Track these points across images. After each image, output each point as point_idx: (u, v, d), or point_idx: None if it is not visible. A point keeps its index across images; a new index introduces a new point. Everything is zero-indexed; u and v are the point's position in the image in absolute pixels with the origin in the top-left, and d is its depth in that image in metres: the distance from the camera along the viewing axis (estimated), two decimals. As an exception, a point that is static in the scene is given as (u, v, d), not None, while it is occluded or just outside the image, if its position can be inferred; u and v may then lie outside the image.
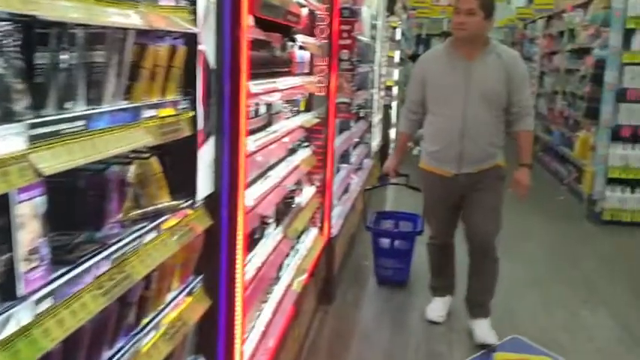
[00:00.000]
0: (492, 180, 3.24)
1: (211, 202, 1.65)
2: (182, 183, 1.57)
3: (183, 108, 1.48)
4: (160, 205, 1.45)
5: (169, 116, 1.40)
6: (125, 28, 1.19)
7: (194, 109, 1.52)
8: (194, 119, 1.51)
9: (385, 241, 4.19)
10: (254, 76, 2.32)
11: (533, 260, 4.89)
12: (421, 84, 3.25)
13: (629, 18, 5.67)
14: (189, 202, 1.57)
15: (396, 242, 4.16)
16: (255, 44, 2.34)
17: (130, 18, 1.13)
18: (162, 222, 1.43)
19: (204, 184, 1.60)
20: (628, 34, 5.73)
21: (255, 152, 2.27)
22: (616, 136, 5.91)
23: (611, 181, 5.97)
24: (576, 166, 7.11)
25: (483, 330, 3.31)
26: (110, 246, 1.21)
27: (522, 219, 5.75)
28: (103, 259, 1.15)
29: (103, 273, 1.13)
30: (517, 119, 3.19)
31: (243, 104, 1.67)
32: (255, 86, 2.24)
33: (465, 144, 3.14)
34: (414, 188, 3.80)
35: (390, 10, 7.05)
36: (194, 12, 1.47)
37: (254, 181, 2.46)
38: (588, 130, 6.52)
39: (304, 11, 3.30)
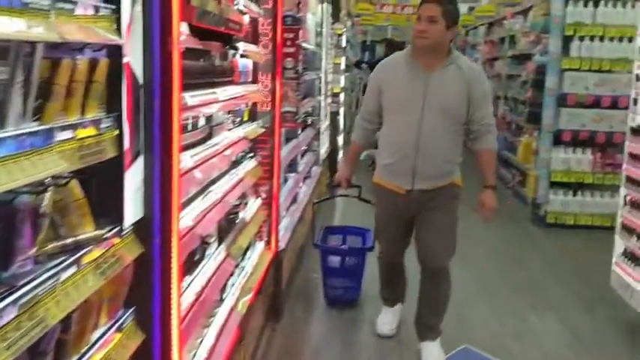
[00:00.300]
0: (447, 198, 3.07)
1: (142, 227, 1.52)
2: (108, 208, 1.43)
3: (107, 127, 1.34)
4: (81, 236, 1.31)
5: (90, 137, 1.26)
6: (32, 42, 1.05)
7: (119, 127, 1.38)
8: (119, 138, 1.38)
9: (335, 260, 3.97)
10: (191, 87, 2.20)
11: (481, 266, 4.91)
12: (377, 93, 3.08)
13: (568, 25, 5.79)
14: (116, 229, 1.43)
15: (347, 259, 3.95)
16: (192, 53, 2.21)
17: (35, 30, 0.99)
18: (83, 254, 1.28)
19: (132, 209, 1.46)
20: (567, 41, 5.85)
21: (193, 168, 2.13)
22: (558, 140, 6.02)
23: (554, 185, 6.08)
24: (520, 170, 7.23)
25: (433, 353, 3.21)
26: (19, 288, 1.06)
27: (469, 223, 5.75)
28: (8, 304, 1.01)
29: (9, 322, 0.99)
30: (478, 137, 3.01)
31: (175, 119, 1.54)
32: (192, 98, 2.11)
33: (420, 158, 2.96)
34: (365, 201, 3.56)
35: (335, 17, 7.00)
36: (117, 21, 1.33)
37: (193, 198, 2.32)
38: (531, 134, 6.64)
39: (246, 19, 3.19)
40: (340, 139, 7.93)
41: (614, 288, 3.91)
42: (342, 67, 7.62)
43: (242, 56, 3.05)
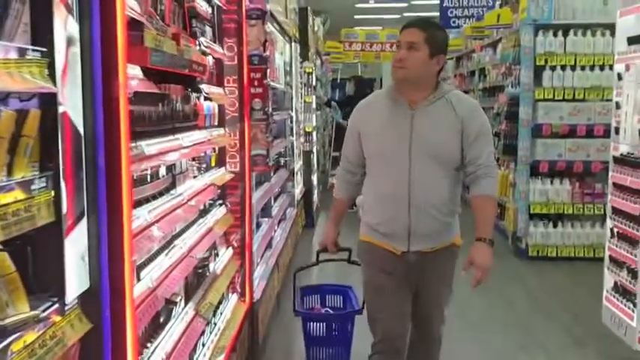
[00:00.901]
0: (447, 264, 2.58)
1: (89, 300, 1.31)
2: (46, 281, 1.22)
3: (40, 188, 1.15)
4: (10, 319, 1.10)
5: (16, 202, 1.07)
6: None
7: (56, 187, 1.18)
8: (56, 201, 1.18)
9: (319, 327, 3.37)
10: (149, 134, 2.02)
11: (466, 302, 4.72)
12: (357, 138, 2.54)
13: (539, 55, 5.78)
14: (57, 305, 1.22)
15: (333, 326, 3.38)
16: (149, 98, 2.03)
17: None
18: (12, 342, 1.07)
19: (76, 280, 1.25)
20: (538, 71, 5.84)
21: (152, 224, 1.94)
22: (535, 171, 5.95)
23: (534, 217, 5.98)
24: (498, 203, 7.13)
25: None
26: None
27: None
28: None
29: None
30: (474, 182, 2.48)
31: (125, 174, 1.35)
32: (150, 147, 1.93)
33: (413, 214, 2.43)
34: (358, 264, 2.79)
35: (304, 56, 6.93)
36: (51, 66, 1.15)
37: (154, 256, 2.11)
38: (507, 166, 6.56)
39: (210, 60, 3.04)
40: (315, 179, 7.77)
41: (605, 325, 3.76)
42: (314, 105, 7.52)
43: (206, 99, 2.90)
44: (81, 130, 1.25)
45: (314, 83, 7.50)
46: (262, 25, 3.21)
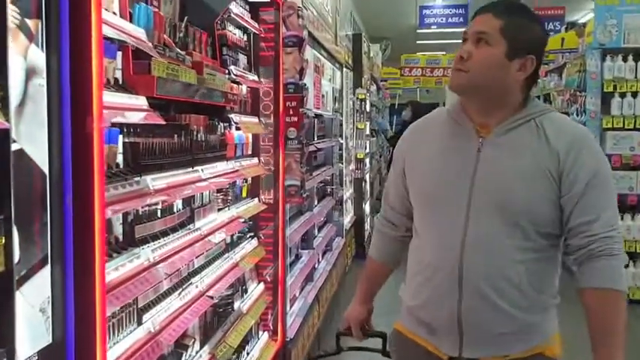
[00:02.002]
0: None
1: (51, 356, 1.18)
2: (-1, 336, 1.10)
3: (-12, 234, 1.03)
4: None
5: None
6: None
7: (7, 233, 1.07)
8: (7, 249, 1.06)
9: None
10: (158, 167, 1.91)
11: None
12: (400, 173, 1.78)
13: (606, 81, 5.40)
14: (8, 364, 1.09)
15: None
16: (159, 129, 1.93)
17: None
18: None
19: (31, 334, 1.13)
20: (606, 98, 5.45)
21: (157, 263, 1.81)
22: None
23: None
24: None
25: None
26: None
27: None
28: None
29: None
30: (582, 264, 1.56)
31: (98, 218, 1.23)
32: (157, 181, 1.82)
33: (468, 300, 1.58)
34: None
35: (357, 82, 6.79)
36: (3, 99, 1.04)
37: (163, 297, 1.99)
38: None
39: (242, 89, 2.94)
40: (367, 207, 7.56)
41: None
42: (367, 132, 7.35)
43: (237, 128, 2.79)
44: (45, 169, 1.14)
45: (368, 109, 7.35)
46: (299, 52, 3.09)
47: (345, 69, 6.02)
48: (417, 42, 14.45)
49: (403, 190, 1.78)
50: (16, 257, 1.08)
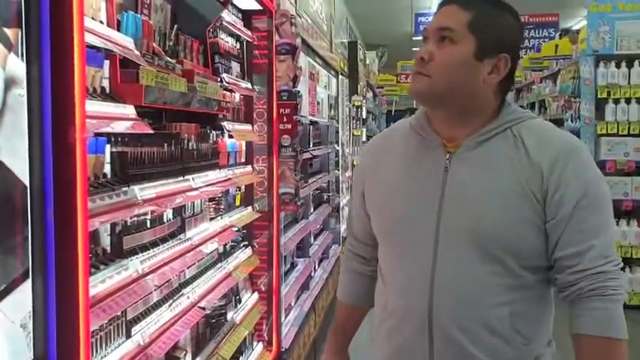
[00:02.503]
0: None
1: (33, 373, 1.15)
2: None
3: (-35, 248, 1.00)
4: None
5: None
6: None
7: (-14, 247, 1.04)
8: (-15, 263, 1.03)
9: None
10: (147, 177, 1.88)
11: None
12: (361, 198, 1.52)
13: (600, 87, 5.40)
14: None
15: None
16: (148, 138, 1.90)
17: None
18: None
19: (11, 350, 1.10)
20: (600, 104, 5.45)
21: (146, 274, 1.78)
22: (598, 211, 5.50)
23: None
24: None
25: None
26: None
27: None
28: None
29: None
30: (573, 303, 1.31)
31: (81, 229, 1.20)
32: (145, 191, 1.79)
33: (440, 348, 1.33)
34: None
35: (354, 89, 6.78)
36: (-19, 111, 1.02)
37: (154, 308, 1.96)
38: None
39: (235, 96, 2.92)
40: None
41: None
42: (364, 138, 7.34)
43: (230, 136, 2.76)
44: (25, 181, 1.11)
45: (364, 116, 7.34)
46: (292, 60, 3.07)
47: (340, 76, 6.02)
48: (413, 49, 14.48)
49: (365, 217, 1.50)
50: (-5, 272, 1.05)
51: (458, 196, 1.31)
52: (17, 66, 1.09)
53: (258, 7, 2.96)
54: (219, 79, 2.56)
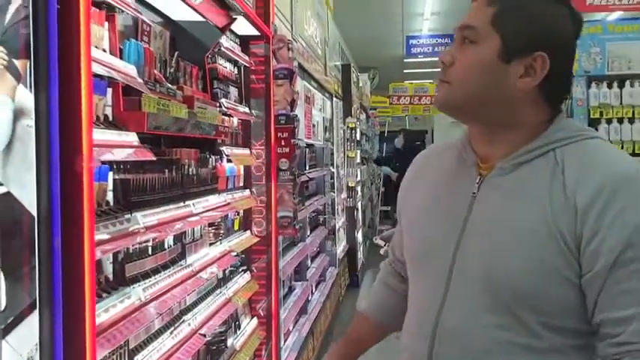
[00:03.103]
0: None
1: (39, 406, 1.13)
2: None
3: (-27, 281, 0.99)
4: None
5: None
6: None
7: (-7, 280, 1.03)
8: (-7, 295, 1.02)
9: None
10: (150, 203, 1.88)
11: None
12: (399, 221, 1.38)
13: (593, 107, 5.46)
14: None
15: None
16: (150, 165, 1.90)
17: None
18: None
19: (21, 385, 1.08)
20: (593, 124, 5.49)
21: (149, 302, 1.77)
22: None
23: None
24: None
25: None
26: None
27: None
28: None
29: None
30: None
31: (88, 260, 1.19)
32: (147, 217, 1.79)
33: None
34: None
35: (347, 111, 6.83)
36: (-11, 143, 1.02)
37: (156, 336, 1.94)
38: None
39: (234, 121, 2.93)
40: (359, 235, 7.53)
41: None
42: (358, 160, 7.36)
43: (229, 160, 2.77)
44: (33, 211, 1.10)
45: (358, 138, 7.37)
46: (290, 84, 3.09)
47: (335, 99, 6.05)
48: (405, 71, 14.61)
49: (402, 234, 1.34)
50: (2, 304, 1.04)
51: (478, 230, 1.11)
52: (26, 97, 1.09)
53: (255, 32, 2.99)
54: (218, 104, 2.57)
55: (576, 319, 1.04)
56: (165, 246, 2.09)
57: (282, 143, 3.11)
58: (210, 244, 2.54)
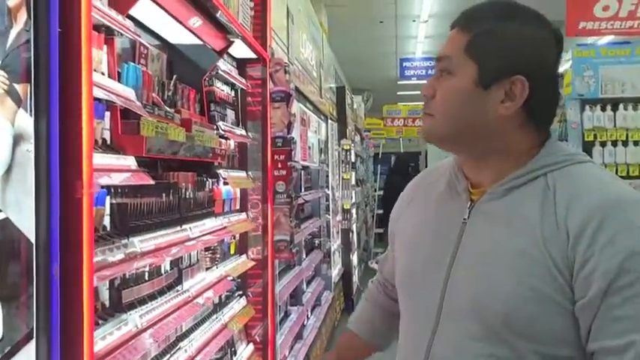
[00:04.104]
0: None
1: None
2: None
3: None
4: None
5: None
6: None
7: (-10, 309, 1.00)
8: (-11, 325, 0.99)
9: None
10: (147, 228, 1.85)
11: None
12: (392, 240, 1.36)
13: (587, 130, 5.49)
14: None
15: None
16: (147, 189, 1.88)
17: None
18: None
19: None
20: (587, 147, 5.53)
21: (145, 329, 1.73)
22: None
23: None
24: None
25: None
26: None
27: None
28: None
29: None
30: None
31: (87, 287, 1.17)
32: (144, 242, 1.76)
33: None
34: None
35: (342, 133, 6.84)
36: (-12, 167, 1.00)
37: (151, 363, 1.90)
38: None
39: (230, 143, 2.92)
40: (354, 258, 7.49)
41: None
42: (353, 182, 7.35)
43: (225, 183, 2.75)
44: (31, 238, 1.08)
45: (353, 160, 7.37)
46: (287, 107, 3.09)
47: (330, 121, 6.07)
48: (398, 93, 14.72)
49: (393, 258, 1.33)
50: (0, 333, 1.01)
51: (469, 257, 1.09)
52: (26, 122, 1.07)
53: (252, 55, 2.99)
54: (215, 127, 2.56)
55: (571, 347, 1.02)
56: (162, 271, 2.06)
57: (279, 166, 3.09)
58: (207, 269, 2.51)
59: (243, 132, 3.00)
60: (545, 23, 1.10)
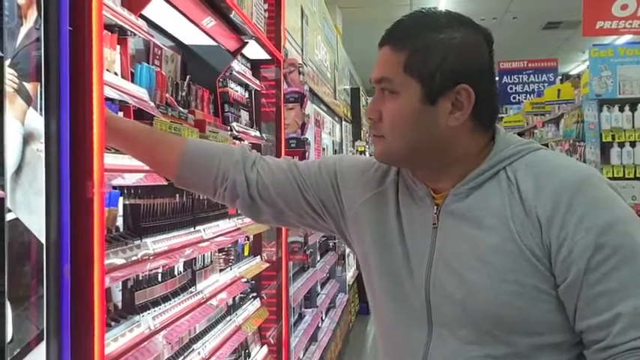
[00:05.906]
0: None
1: None
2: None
3: (-22, 311, 0.95)
4: None
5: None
6: None
7: (0, 310, 0.99)
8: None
9: None
10: (160, 229, 1.84)
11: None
12: (327, 188, 1.26)
13: (604, 131, 5.41)
14: None
15: None
16: (161, 190, 1.87)
17: None
18: None
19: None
20: (605, 148, 5.44)
21: (158, 331, 1.72)
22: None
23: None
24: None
25: None
26: None
27: None
28: None
29: None
30: None
31: (97, 288, 1.15)
32: (158, 244, 1.75)
33: None
34: None
35: (357, 135, 6.81)
36: (-1, 167, 0.99)
37: (164, 366, 1.88)
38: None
39: (245, 144, 2.90)
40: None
41: None
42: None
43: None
44: (42, 239, 1.07)
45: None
46: (301, 108, 3.07)
47: (344, 122, 6.04)
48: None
49: (298, 190, 1.25)
50: (9, 336, 1.00)
51: (446, 262, 1.07)
52: (36, 121, 1.06)
53: (266, 56, 2.98)
54: (229, 128, 2.55)
55: (564, 332, 1.02)
56: (176, 272, 2.05)
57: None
58: (221, 271, 2.49)
59: (257, 133, 2.98)
60: (471, 25, 1.10)
